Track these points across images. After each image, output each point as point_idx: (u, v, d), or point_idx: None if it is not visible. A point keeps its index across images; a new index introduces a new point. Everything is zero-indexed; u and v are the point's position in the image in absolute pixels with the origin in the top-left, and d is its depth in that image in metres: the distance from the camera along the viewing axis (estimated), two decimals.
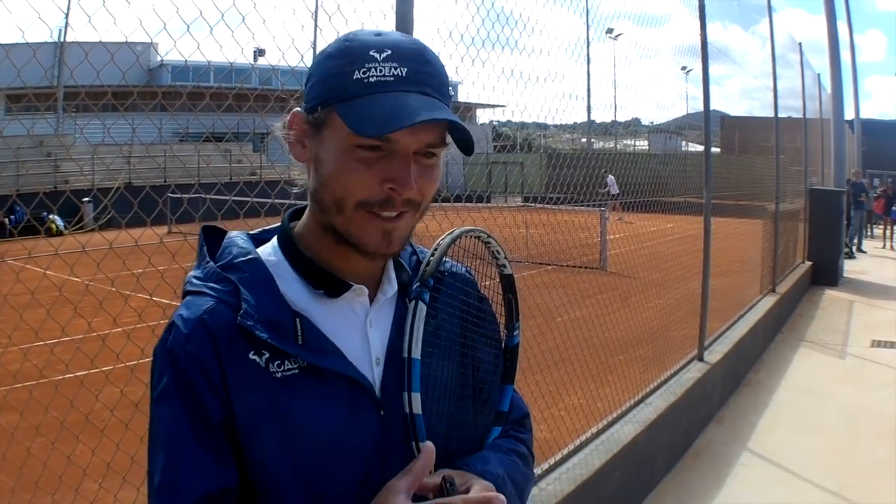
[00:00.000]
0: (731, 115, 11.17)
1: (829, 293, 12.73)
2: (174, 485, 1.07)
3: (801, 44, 12.56)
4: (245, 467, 1.11)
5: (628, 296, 6.02)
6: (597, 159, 5.79)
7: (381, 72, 1.09)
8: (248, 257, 1.18)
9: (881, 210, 22.87)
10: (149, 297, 2.85)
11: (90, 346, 3.60)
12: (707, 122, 6.50)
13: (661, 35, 6.51)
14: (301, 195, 1.26)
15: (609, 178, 6.51)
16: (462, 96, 15.26)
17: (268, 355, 1.12)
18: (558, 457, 4.05)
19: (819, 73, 15.67)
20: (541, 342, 4.20)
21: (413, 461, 1.09)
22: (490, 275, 1.40)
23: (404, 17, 2.57)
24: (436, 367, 1.23)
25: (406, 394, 1.15)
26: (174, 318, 1.14)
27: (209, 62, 2.89)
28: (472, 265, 1.41)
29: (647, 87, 6.45)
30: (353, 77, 1.09)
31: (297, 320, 1.14)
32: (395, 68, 1.09)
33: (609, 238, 13.31)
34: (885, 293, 12.91)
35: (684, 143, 9.70)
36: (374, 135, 1.06)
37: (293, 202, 1.29)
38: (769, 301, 9.42)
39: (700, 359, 6.33)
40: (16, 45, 2.98)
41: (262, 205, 3.45)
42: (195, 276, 1.19)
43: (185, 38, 2.75)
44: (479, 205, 4.81)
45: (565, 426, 4.32)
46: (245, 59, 3.46)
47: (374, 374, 1.20)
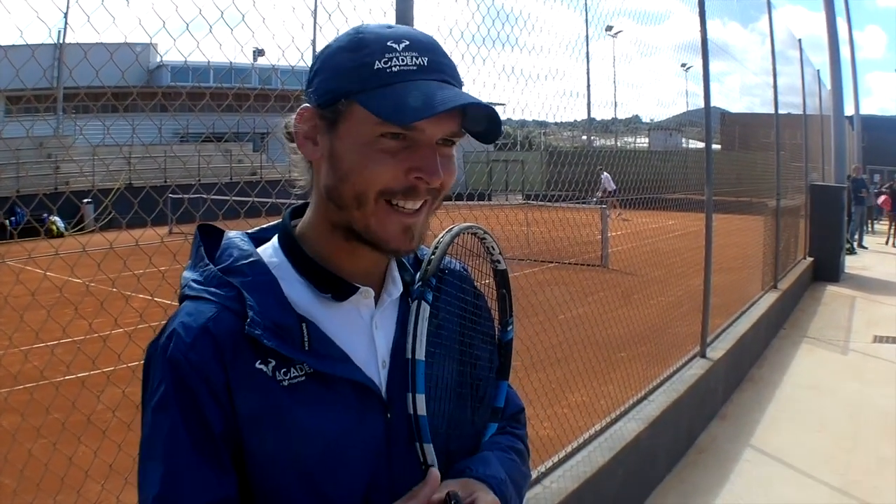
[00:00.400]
0: (731, 111, 11.18)
1: (831, 289, 12.72)
2: (175, 496, 1.04)
3: (800, 40, 12.57)
4: (250, 474, 1.09)
5: (630, 293, 6.02)
6: (597, 156, 5.79)
7: (403, 61, 1.07)
8: (251, 260, 1.15)
9: (889, 206, 22.62)
10: (150, 298, 2.83)
11: (91, 346, 3.59)
12: (708, 119, 6.49)
13: (660, 32, 6.52)
14: (303, 195, 1.22)
15: (604, 174, 6.47)
16: None
17: (274, 363, 1.09)
18: (561, 454, 4.05)
19: (819, 70, 15.69)
20: (543, 340, 4.20)
21: (419, 486, 1.07)
22: (485, 270, 1.39)
23: (404, 15, 2.56)
24: (437, 367, 1.22)
25: (410, 395, 1.13)
26: (175, 325, 1.10)
27: (209, 62, 2.88)
28: (467, 261, 1.40)
29: (647, 84, 6.44)
30: (374, 67, 1.06)
31: (304, 325, 1.12)
32: (416, 58, 1.08)
33: (610, 235, 13.30)
34: (886, 289, 12.91)
35: (685, 140, 9.70)
36: (411, 122, 1.04)
37: (293, 201, 1.26)
38: (771, 297, 9.42)
39: (702, 355, 6.32)
40: (15, 45, 2.98)
41: (263, 204, 3.45)
42: (194, 280, 1.15)
43: (184, 38, 2.75)
44: (481, 203, 4.79)
45: (568, 424, 4.31)
46: (245, 58, 3.45)
47: (381, 376, 1.18)
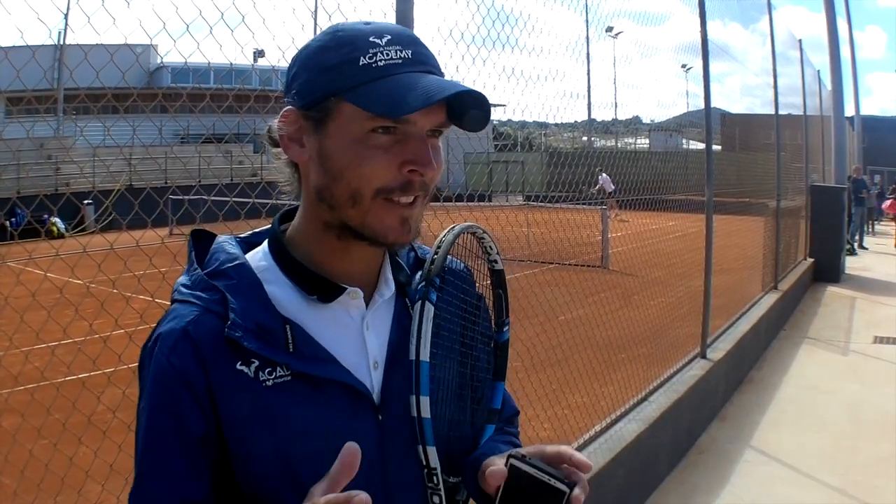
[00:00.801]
0: (731, 112, 11.17)
1: (831, 290, 12.73)
2: (146, 494, 1.08)
3: (801, 41, 12.57)
4: (238, 476, 1.09)
5: (630, 294, 6.02)
6: (598, 157, 5.79)
7: (388, 55, 1.06)
8: (236, 263, 1.15)
9: (895, 211, 22.59)
10: (150, 299, 2.83)
11: (92, 347, 3.59)
12: (708, 120, 6.49)
13: (661, 33, 6.53)
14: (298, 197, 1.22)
15: (602, 175, 6.47)
16: None
17: (257, 363, 1.09)
18: None
19: (819, 70, 15.69)
20: (543, 341, 4.20)
21: (335, 464, 0.98)
22: (482, 270, 1.38)
23: (404, 16, 2.56)
24: (439, 368, 1.21)
25: (413, 397, 1.13)
26: (160, 329, 1.12)
27: (209, 63, 2.88)
28: (465, 261, 1.38)
29: (647, 85, 6.45)
30: (360, 63, 1.05)
31: (287, 327, 1.11)
32: (400, 51, 1.07)
33: (611, 236, 13.30)
34: (886, 289, 12.90)
35: (685, 141, 9.70)
36: (409, 113, 1.03)
37: (294, 202, 1.25)
38: (771, 298, 9.42)
39: (703, 356, 6.33)
40: (15, 47, 2.98)
41: (264, 205, 3.45)
42: (183, 284, 1.16)
43: (184, 39, 2.75)
44: (481, 204, 4.80)
45: (568, 425, 4.31)
46: (245, 59, 3.45)
47: (372, 378, 1.17)
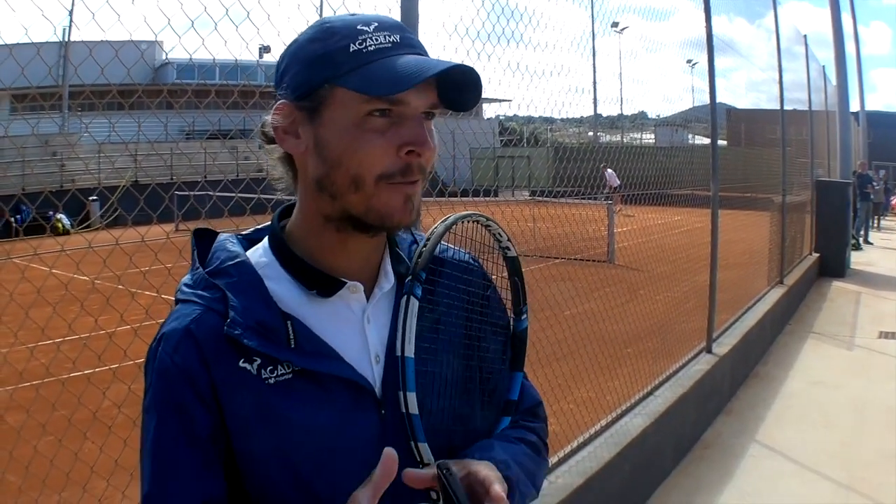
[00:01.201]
0: (737, 107, 11.16)
1: (837, 285, 12.69)
2: (162, 496, 1.06)
3: (806, 36, 12.52)
4: (243, 474, 1.09)
5: (636, 288, 6.01)
6: (604, 152, 5.78)
7: (377, 40, 1.08)
8: (236, 261, 1.15)
9: None
10: (156, 294, 2.83)
11: (97, 343, 3.59)
12: (713, 115, 6.49)
13: (666, 28, 6.50)
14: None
15: (608, 171, 6.47)
16: None
17: (259, 361, 1.09)
18: (567, 450, 4.05)
19: (824, 66, 15.62)
20: (549, 335, 4.19)
21: (375, 469, 1.01)
22: (494, 259, 1.37)
23: (409, 11, 2.55)
24: (437, 363, 1.20)
25: (401, 393, 1.12)
26: (164, 329, 1.13)
27: (214, 59, 2.88)
28: (475, 251, 1.37)
29: (653, 81, 6.44)
30: (351, 50, 1.07)
31: (289, 323, 1.11)
32: (388, 36, 1.09)
33: (616, 231, 13.27)
34: (892, 284, 12.85)
35: (691, 136, 9.68)
36: (405, 89, 1.04)
37: (293, 198, 1.24)
38: (777, 293, 9.39)
39: (708, 351, 6.32)
40: (20, 44, 2.98)
41: (269, 200, 3.44)
42: (185, 284, 1.17)
43: (189, 35, 2.75)
44: (487, 199, 4.79)
45: (574, 419, 4.31)
46: (250, 55, 3.45)
47: (375, 372, 1.17)
